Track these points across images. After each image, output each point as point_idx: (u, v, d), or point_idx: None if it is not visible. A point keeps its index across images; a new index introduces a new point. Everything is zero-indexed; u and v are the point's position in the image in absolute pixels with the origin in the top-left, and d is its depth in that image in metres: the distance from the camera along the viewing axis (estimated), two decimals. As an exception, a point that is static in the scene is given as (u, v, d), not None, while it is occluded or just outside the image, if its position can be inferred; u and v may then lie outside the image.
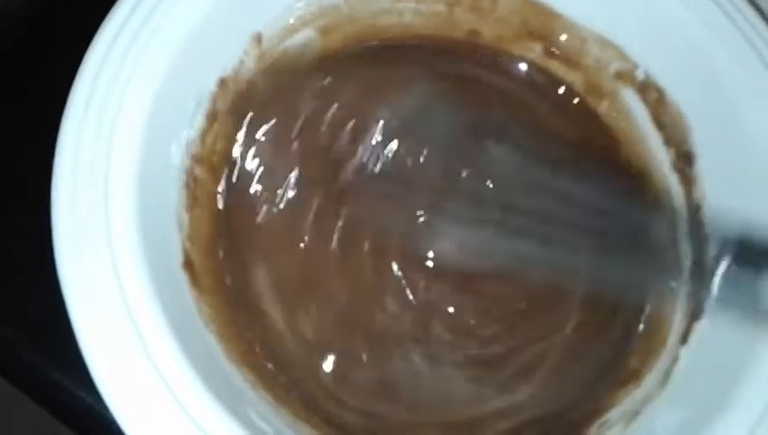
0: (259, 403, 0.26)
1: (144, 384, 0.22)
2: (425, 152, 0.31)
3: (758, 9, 0.30)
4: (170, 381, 0.22)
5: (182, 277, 0.26)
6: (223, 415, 0.22)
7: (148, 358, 0.22)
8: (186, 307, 0.25)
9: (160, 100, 0.26)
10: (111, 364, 0.22)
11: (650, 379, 0.28)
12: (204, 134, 0.28)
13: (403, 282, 0.29)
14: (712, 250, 0.29)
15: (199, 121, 0.28)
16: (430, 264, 0.30)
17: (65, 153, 0.24)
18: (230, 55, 0.29)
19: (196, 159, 0.28)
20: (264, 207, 0.30)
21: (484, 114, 0.32)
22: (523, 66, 0.34)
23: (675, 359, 0.28)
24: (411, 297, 0.29)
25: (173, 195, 0.26)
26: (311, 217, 0.30)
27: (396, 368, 0.28)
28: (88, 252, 0.23)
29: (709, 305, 0.28)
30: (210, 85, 0.29)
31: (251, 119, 0.31)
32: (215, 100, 0.29)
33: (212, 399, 0.23)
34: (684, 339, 0.28)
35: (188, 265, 0.26)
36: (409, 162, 0.31)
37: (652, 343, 0.29)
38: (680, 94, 0.30)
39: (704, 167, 0.30)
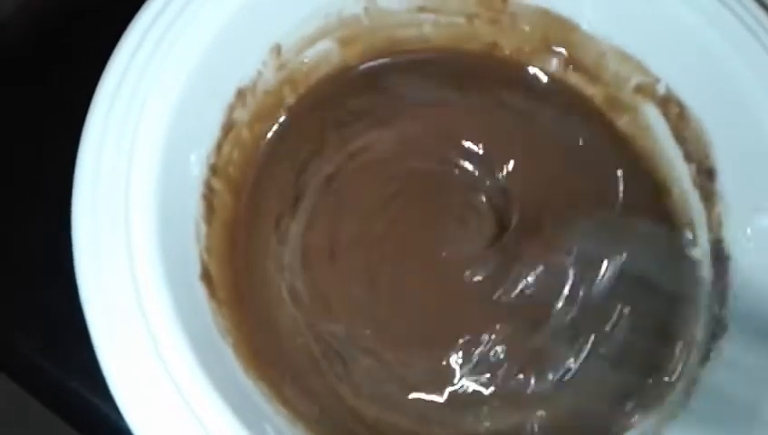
0: (275, 417, 0.25)
1: (160, 395, 0.22)
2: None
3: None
4: (186, 393, 0.22)
5: (200, 289, 0.26)
6: (238, 429, 0.22)
7: (165, 369, 0.22)
8: (203, 319, 0.25)
9: (180, 110, 0.26)
10: (128, 375, 0.22)
11: (671, 399, 0.28)
12: (221, 144, 0.28)
13: (427, 296, 0.29)
14: (732, 267, 0.29)
15: (217, 132, 0.28)
16: (452, 278, 0.29)
17: (86, 163, 0.24)
18: (249, 66, 0.29)
19: (214, 170, 0.28)
20: (283, 222, 0.30)
21: (504, 126, 0.32)
22: (543, 79, 0.33)
23: (695, 379, 0.28)
24: (434, 314, 0.29)
25: (192, 206, 0.27)
26: (334, 231, 0.30)
27: (413, 380, 0.28)
28: (107, 262, 0.23)
29: (731, 324, 0.28)
30: (229, 96, 0.29)
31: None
32: (232, 110, 0.29)
33: (228, 412, 0.22)
34: (705, 358, 0.28)
35: (206, 276, 0.26)
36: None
37: (673, 362, 0.29)
38: (702, 109, 0.30)
39: (725, 182, 0.30)
